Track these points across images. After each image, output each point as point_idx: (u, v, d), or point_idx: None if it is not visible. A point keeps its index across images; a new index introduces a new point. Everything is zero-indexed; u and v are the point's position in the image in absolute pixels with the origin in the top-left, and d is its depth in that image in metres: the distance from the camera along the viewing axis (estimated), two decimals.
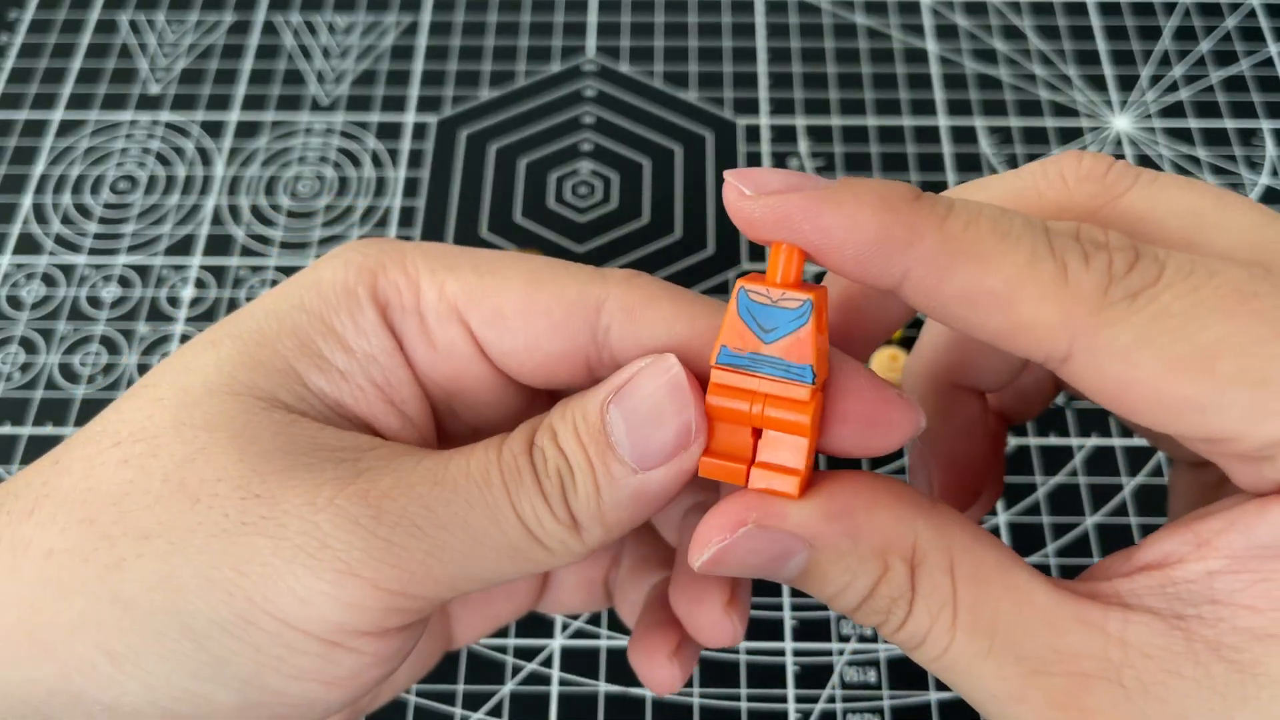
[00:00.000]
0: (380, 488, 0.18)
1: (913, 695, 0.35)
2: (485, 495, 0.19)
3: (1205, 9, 0.53)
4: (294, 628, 0.18)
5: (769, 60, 0.52)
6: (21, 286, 0.45)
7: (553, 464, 0.19)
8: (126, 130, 0.50)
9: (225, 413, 0.19)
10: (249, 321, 0.21)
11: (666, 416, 0.19)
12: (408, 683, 0.26)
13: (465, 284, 0.21)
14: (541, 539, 0.19)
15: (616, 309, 0.21)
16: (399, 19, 0.54)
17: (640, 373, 0.19)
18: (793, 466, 0.19)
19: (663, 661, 0.24)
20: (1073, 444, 0.40)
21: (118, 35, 0.53)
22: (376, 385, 0.21)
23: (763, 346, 0.19)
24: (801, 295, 0.18)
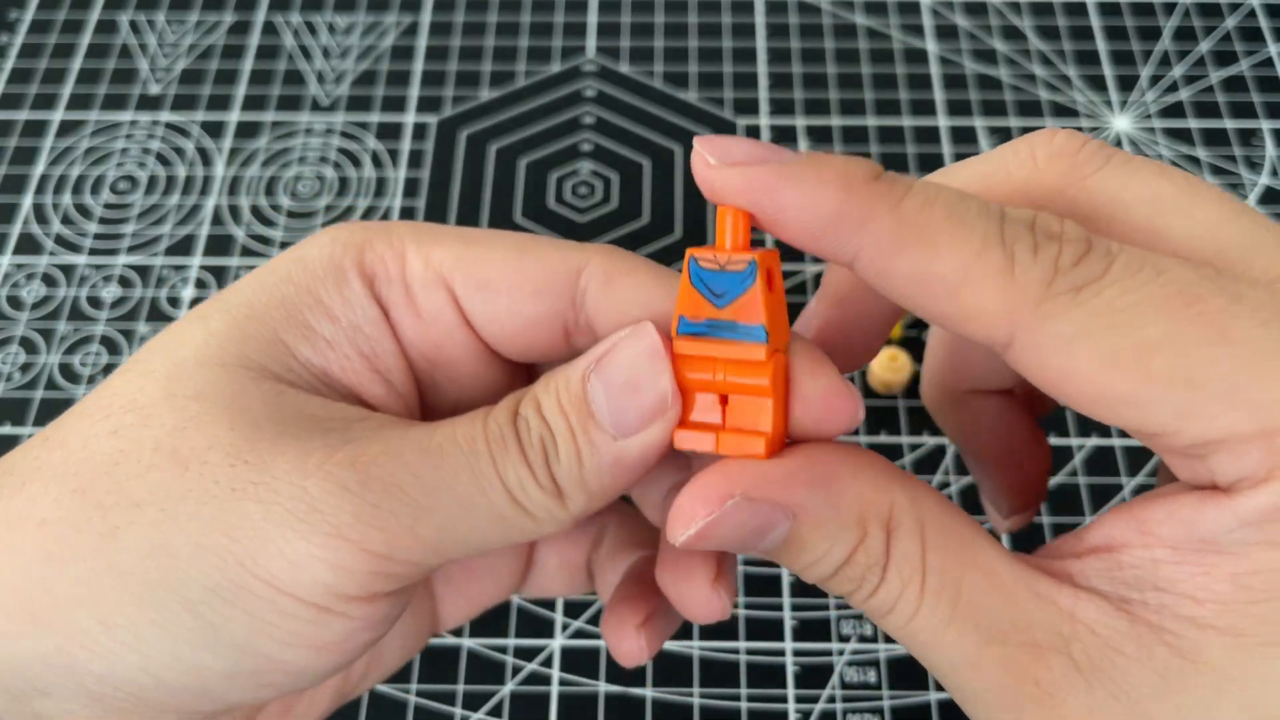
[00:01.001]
0: (368, 454, 0.18)
1: (913, 695, 0.35)
2: (472, 462, 0.19)
3: (1205, 9, 0.53)
4: (285, 592, 0.18)
5: (769, 60, 0.52)
6: (22, 287, 0.45)
7: (536, 432, 0.19)
8: (127, 130, 0.50)
9: (215, 383, 0.19)
10: (237, 296, 0.21)
11: (643, 384, 0.19)
12: (397, 664, 0.26)
13: (451, 253, 0.21)
14: (526, 506, 0.19)
15: (596, 274, 0.21)
16: (399, 19, 0.54)
17: (619, 342, 0.19)
18: (759, 429, 0.19)
19: (630, 633, 0.24)
20: (1073, 444, 0.40)
21: (118, 35, 0.53)
22: (363, 355, 0.21)
23: (717, 312, 0.19)
24: (746, 257, 0.19)
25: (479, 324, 0.22)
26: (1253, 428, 0.18)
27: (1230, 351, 0.18)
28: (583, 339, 0.22)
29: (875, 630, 0.36)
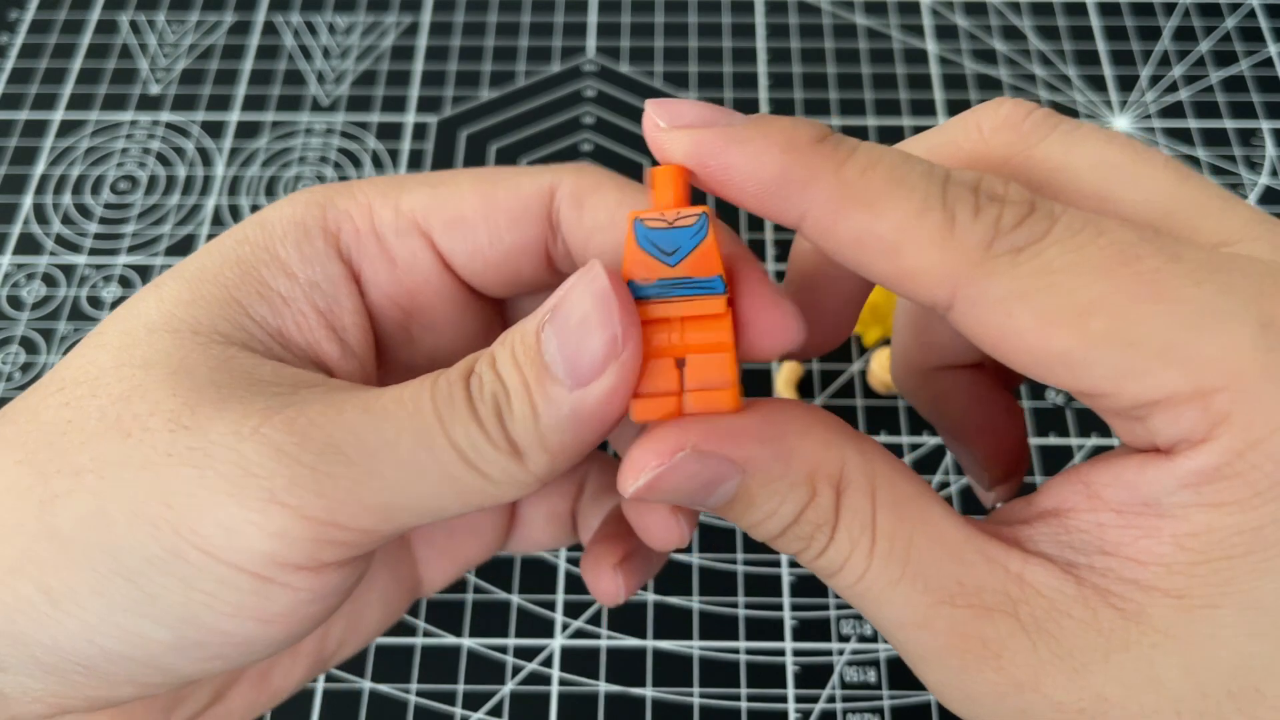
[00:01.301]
0: (307, 415, 0.18)
1: (913, 695, 0.35)
2: (415, 421, 0.18)
3: (1205, 9, 0.53)
4: (222, 561, 0.17)
5: (769, 60, 0.52)
6: (22, 286, 0.45)
7: (488, 390, 0.18)
8: (127, 130, 0.50)
9: (163, 349, 0.19)
10: (193, 262, 0.21)
11: (593, 326, 0.18)
12: (377, 629, 0.26)
13: (420, 198, 0.21)
14: (481, 467, 0.18)
15: (567, 195, 0.21)
16: (399, 19, 0.54)
17: (569, 286, 0.19)
18: (724, 382, 0.19)
19: (608, 572, 0.24)
20: (1072, 444, 0.40)
21: (118, 35, 0.53)
22: (319, 312, 0.21)
23: (670, 270, 0.19)
24: (695, 211, 0.19)
25: (459, 262, 0.21)
26: (1189, 387, 0.18)
27: (1167, 310, 0.18)
28: (566, 263, 0.22)
29: (875, 630, 0.36)
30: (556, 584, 0.37)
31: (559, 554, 0.38)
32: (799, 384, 0.41)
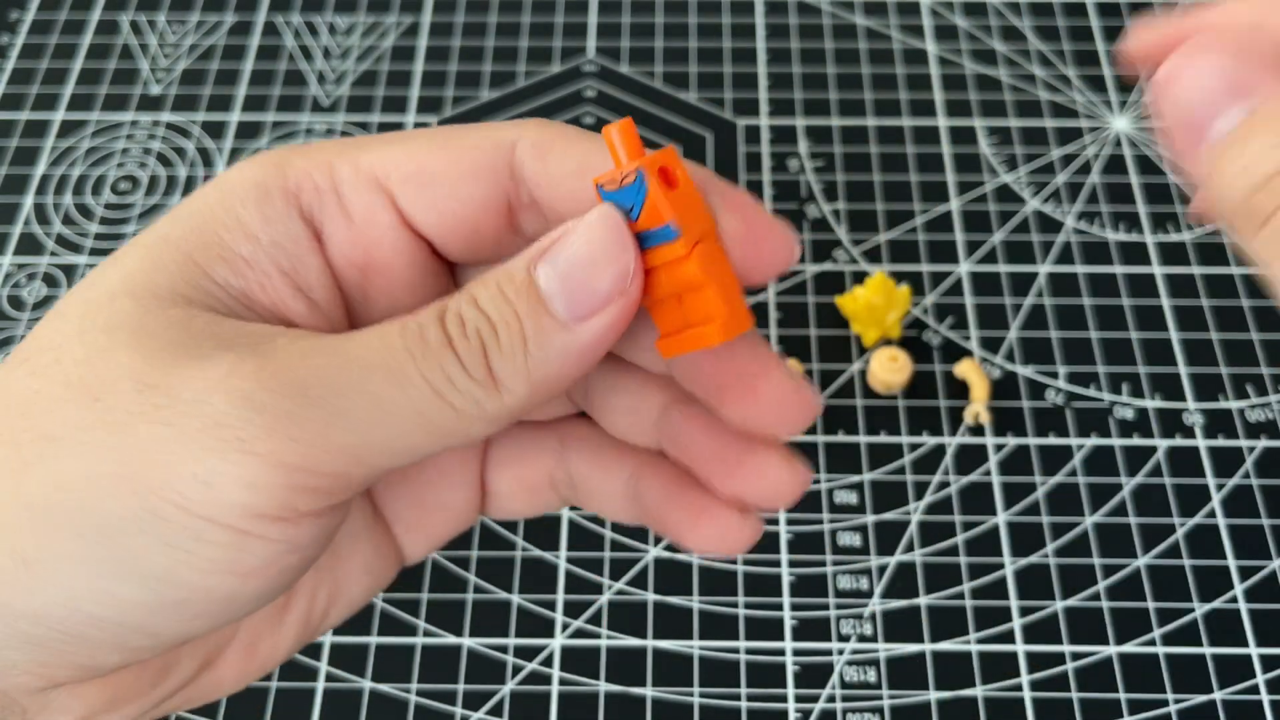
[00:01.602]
0: (274, 363, 0.18)
1: (913, 695, 0.35)
2: (384, 359, 0.18)
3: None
4: (198, 515, 0.17)
5: (769, 61, 0.52)
6: (23, 287, 0.45)
7: (472, 325, 0.19)
8: (128, 131, 0.50)
9: (124, 313, 0.19)
10: (152, 232, 0.21)
11: (603, 261, 0.19)
12: (361, 599, 0.25)
13: (379, 155, 0.21)
14: (453, 402, 0.18)
15: (529, 147, 0.21)
16: (399, 20, 0.54)
17: (575, 224, 0.19)
18: (705, 318, 0.20)
19: (738, 521, 0.23)
20: (1072, 444, 0.40)
21: (119, 36, 0.53)
22: (283, 272, 0.21)
23: (634, 225, 0.19)
24: (632, 167, 0.19)
25: (419, 219, 0.21)
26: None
27: None
28: (529, 218, 0.22)
29: (875, 630, 0.36)
30: (556, 584, 0.37)
31: (559, 554, 0.38)
32: None
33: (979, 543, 0.38)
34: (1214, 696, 0.35)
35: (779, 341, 0.43)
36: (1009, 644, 0.36)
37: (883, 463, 0.40)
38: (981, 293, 0.44)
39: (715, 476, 0.23)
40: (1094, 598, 0.37)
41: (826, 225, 0.46)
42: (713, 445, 0.22)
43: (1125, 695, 0.35)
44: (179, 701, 0.23)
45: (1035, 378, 0.41)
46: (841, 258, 0.45)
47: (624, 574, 0.37)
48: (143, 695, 0.22)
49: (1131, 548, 0.38)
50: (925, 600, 0.37)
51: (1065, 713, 0.35)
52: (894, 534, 0.38)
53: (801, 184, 0.47)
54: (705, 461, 0.23)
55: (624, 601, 0.37)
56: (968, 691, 0.35)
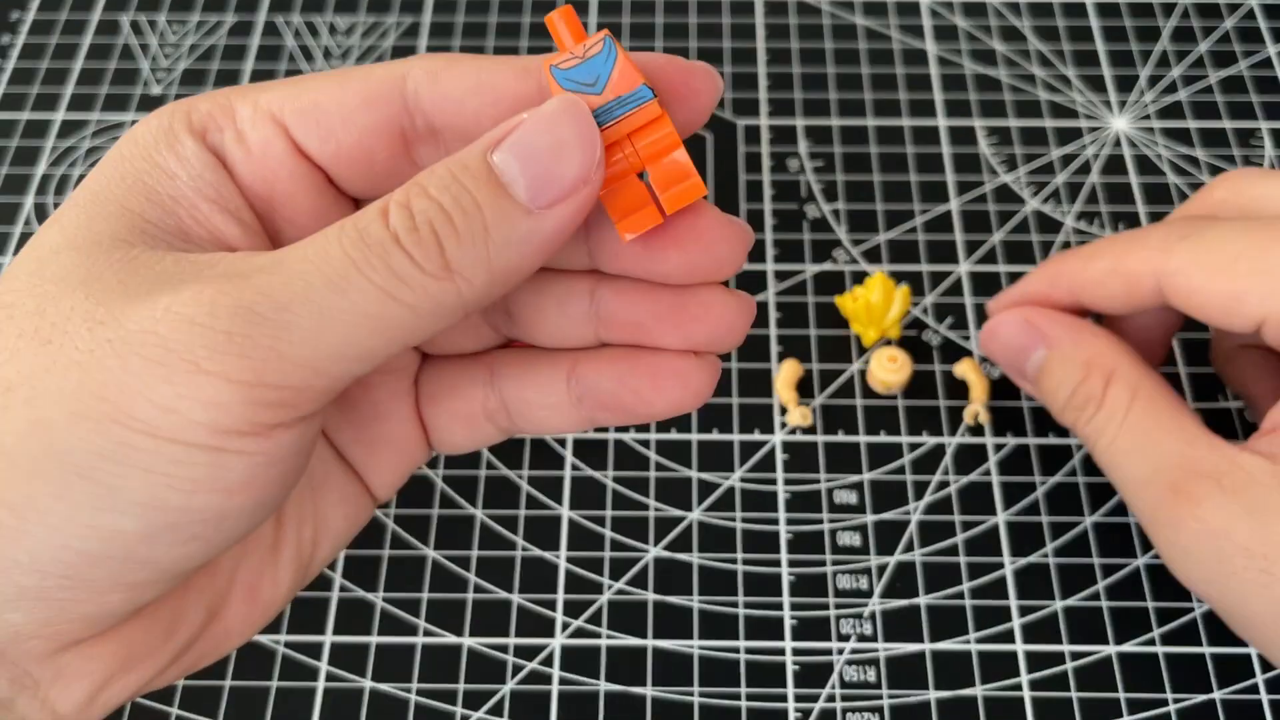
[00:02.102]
0: (215, 286, 0.18)
1: (913, 695, 0.35)
2: (325, 267, 0.18)
3: (1204, 10, 0.53)
4: (169, 439, 0.18)
5: (768, 61, 0.52)
6: None
7: (423, 215, 0.18)
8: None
9: (71, 263, 0.19)
10: (83, 191, 0.21)
11: (571, 146, 0.19)
12: (348, 533, 0.26)
13: (277, 94, 0.22)
14: (404, 298, 0.18)
15: (420, 75, 0.21)
16: (400, 20, 0.54)
17: (535, 113, 0.19)
18: (687, 173, 0.20)
19: (696, 365, 0.23)
20: (1072, 444, 0.40)
21: (119, 36, 0.53)
22: (209, 200, 0.21)
23: (598, 99, 0.20)
24: (599, 37, 0.20)
25: (312, 148, 0.22)
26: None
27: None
28: (424, 148, 0.22)
29: (875, 630, 0.36)
30: (557, 584, 0.37)
31: (559, 554, 0.38)
32: (798, 384, 0.41)
33: (979, 542, 0.38)
34: (1213, 696, 0.35)
35: (779, 341, 0.43)
36: (1008, 643, 0.36)
37: (882, 462, 0.40)
38: (981, 293, 0.44)
39: (661, 332, 0.23)
40: (1093, 597, 0.37)
41: (826, 225, 0.46)
42: (652, 305, 0.23)
43: (1125, 695, 0.35)
44: (193, 658, 0.23)
45: None
46: (841, 258, 0.45)
47: (624, 574, 0.37)
48: (156, 652, 0.22)
49: (1131, 547, 0.38)
50: (925, 600, 0.37)
51: (1065, 712, 0.35)
52: (894, 534, 0.38)
53: (801, 184, 0.47)
54: (648, 323, 0.23)
55: (624, 601, 0.37)
56: (967, 691, 0.35)
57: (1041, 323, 0.34)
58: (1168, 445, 0.30)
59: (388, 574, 0.38)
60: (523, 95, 0.21)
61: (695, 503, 0.39)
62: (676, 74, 0.21)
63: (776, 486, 0.39)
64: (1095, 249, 0.34)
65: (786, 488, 0.39)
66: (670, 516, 0.39)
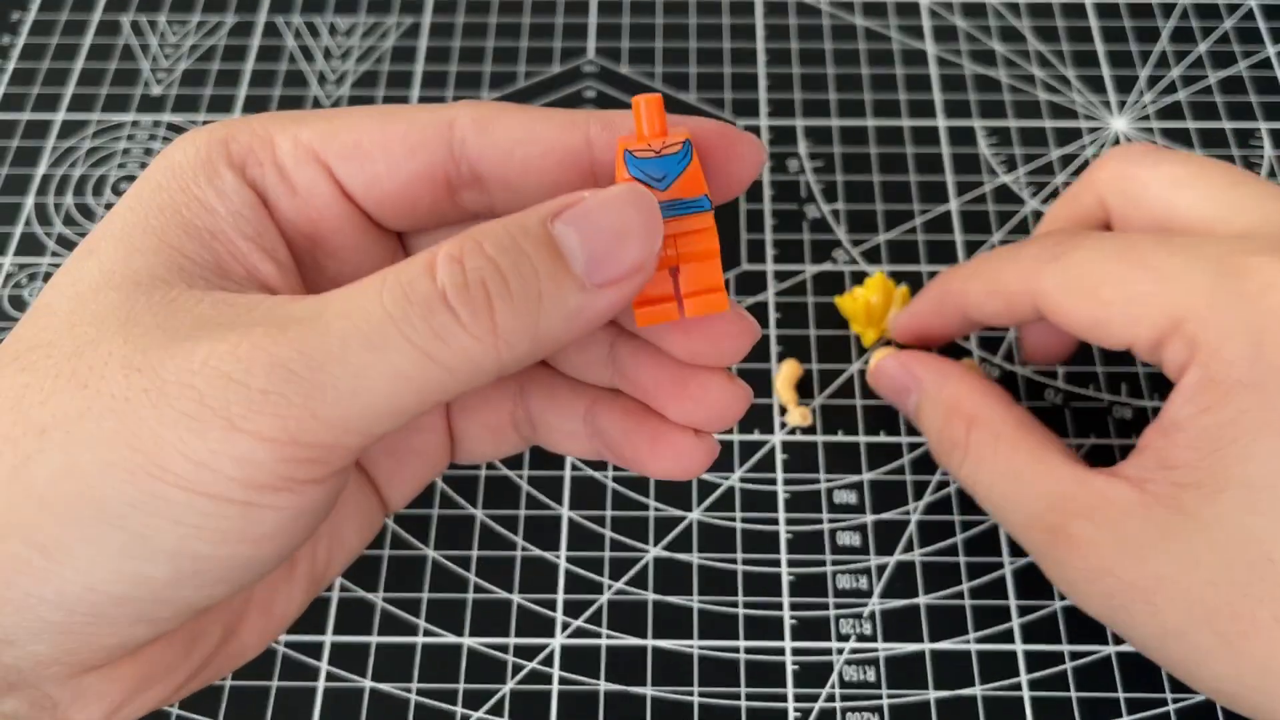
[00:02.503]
0: (250, 339, 0.18)
1: (912, 695, 0.35)
2: (361, 326, 0.18)
3: (1203, 10, 0.53)
4: (200, 493, 0.18)
5: (768, 62, 0.52)
6: (24, 287, 0.45)
7: (477, 273, 0.18)
8: (129, 131, 0.50)
9: (110, 304, 0.19)
10: (118, 219, 0.21)
11: (635, 235, 0.19)
12: (359, 546, 0.26)
13: (318, 130, 0.21)
14: (440, 358, 0.18)
15: (468, 123, 0.21)
16: (400, 20, 0.54)
17: (598, 193, 0.19)
18: (715, 286, 0.21)
19: (693, 442, 0.23)
20: (1072, 444, 0.40)
21: (120, 37, 0.53)
22: (247, 238, 0.21)
23: (661, 194, 0.20)
24: (680, 139, 0.20)
25: (357, 192, 0.22)
26: (1168, 323, 0.27)
27: (1149, 275, 0.28)
28: (469, 194, 0.22)
29: (875, 630, 0.36)
30: (557, 584, 0.37)
31: (559, 554, 0.38)
32: (798, 384, 0.41)
33: (978, 542, 0.38)
34: None
35: (779, 341, 0.43)
36: (1008, 643, 0.36)
37: (882, 462, 0.40)
38: None
39: (663, 402, 0.23)
40: None
41: (826, 225, 0.46)
42: (658, 374, 0.23)
43: (1124, 694, 0.35)
44: (210, 673, 0.23)
45: (1034, 377, 0.42)
46: (841, 258, 0.45)
47: (624, 574, 0.38)
48: (173, 670, 0.22)
49: None
50: (924, 600, 0.37)
51: (1064, 712, 0.35)
52: (893, 534, 0.38)
53: (801, 184, 0.47)
54: (653, 389, 0.23)
55: (624, 601, 0.37)
56: (967, 691, 0.35)
57: (913, 366, 0.35)
58: (1038, 487, 0.30)
59: (388, 574, 0.38)
60: (571, 148, 0.21)
61: (695, 503, 0.39)
62: (723, 141, 0.21)
63: (776, 486, 0.39)
64: (974, 269, 0.34)
65: (786, 488, 0.39)
66: (670, 516, 0.39)
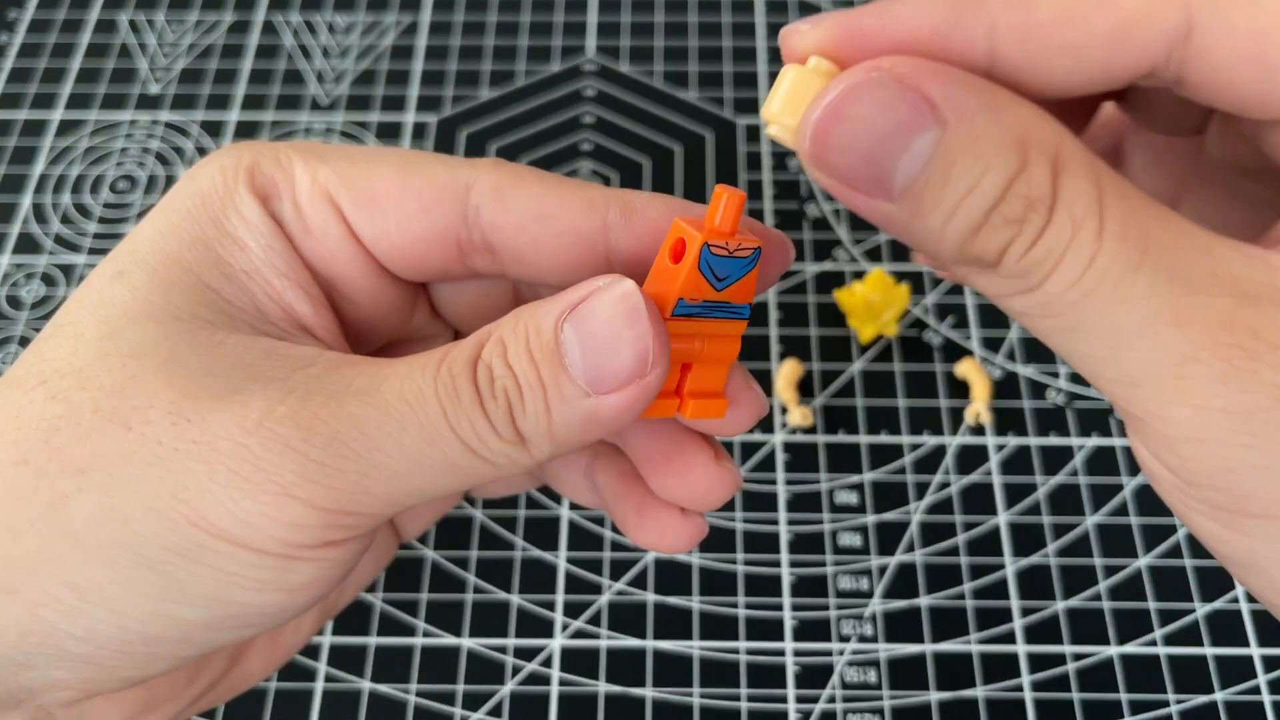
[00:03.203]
0: (310, 408, 0.18)
1: (913, 695, 0.35)
2: (419, 416, 0.18)
3: None
4: (244, 546, 0.18)
5: (769, 59, 0.52)
6: (21, 286, 0.45)
7: (500, 384, 0.18)
8: (126, 130, 0.50)
9: (150, 338, 0.19)
10: (147, 244, 0.21)
11: (622, 343, 0.18)
12: (372, 577, 0.27)
13: (337, 170, 0.21)
14: (484, 455, 0.19)
15: (486, 189, 0.21)
16: (399, 18, 0.54)
17: (596, 294, 0.19)
18: (718, 390, 0.21)
19: (678, 521, 0.23)
20: (1073, 444, 0.40)
21: (117, 35, 0.53)
22: (283, 275, 0.21)
23: (715, 294, 0.20)
24: (754, 243, 0.19)
25: (368, 240, 0.22)
26: None
27: None
28: (479, 258, 0.22)
29: (875, 630, 0.36)
30: (556, 584, 0.37)
31: (559, 554, 0.38)
32: (799, 384, 0.41)
33: (980, 543, 0.38)
34: (1215, 697, 0.35)
35: (779, 341, 0.43)
36: (1010, 644, 0.36)
37: (883, 463, 0.40)
38: None
39: (649, 472, 0.23)
40: (1095, 598, 0.37)
41: (826, 224, 0.46)
42: (649, 442, 0.23)
43: (1126, 696, 0.35)
44: (210, 699, 0.23)
45: (1036, 377, 0.41)
46: (841, 257, 0.45)
47: (624, 574, 0.37)
48: (176, 696, 0.22)
49: (1133, 548, 0.38)
50: (926, 601, 0.37)
51: (1066, 713, 0.35)
52: (894, 534, 0.38)
53: (801, 183, 0.47)
54: (641, 457, 0.23)
55: (624, 602, 0.37)
56: (968, 692, 0.35)
57: (928, 83, 0.16)
58: (1182, 257, 0.16)
59: (387, 574, 0.37)
60: (586, 231, 0.21)
61: None
62: (776, 253, 0.21)
63: (777, 487, 0.39)
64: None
65: (787, 488, 0.39)
66: None
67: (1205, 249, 0.16)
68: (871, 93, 0.16)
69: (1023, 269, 0.16)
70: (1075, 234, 0.16)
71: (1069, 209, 0.16)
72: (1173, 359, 0.16)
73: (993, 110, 0.16)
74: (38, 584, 0.18)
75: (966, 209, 0.16)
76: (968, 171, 0.16)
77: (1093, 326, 0.16)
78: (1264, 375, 0.16)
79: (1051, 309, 0.17)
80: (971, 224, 0.16)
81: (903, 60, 0.17)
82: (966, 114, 0.16)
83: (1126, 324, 0.16)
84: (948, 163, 0.16)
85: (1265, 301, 0.16)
